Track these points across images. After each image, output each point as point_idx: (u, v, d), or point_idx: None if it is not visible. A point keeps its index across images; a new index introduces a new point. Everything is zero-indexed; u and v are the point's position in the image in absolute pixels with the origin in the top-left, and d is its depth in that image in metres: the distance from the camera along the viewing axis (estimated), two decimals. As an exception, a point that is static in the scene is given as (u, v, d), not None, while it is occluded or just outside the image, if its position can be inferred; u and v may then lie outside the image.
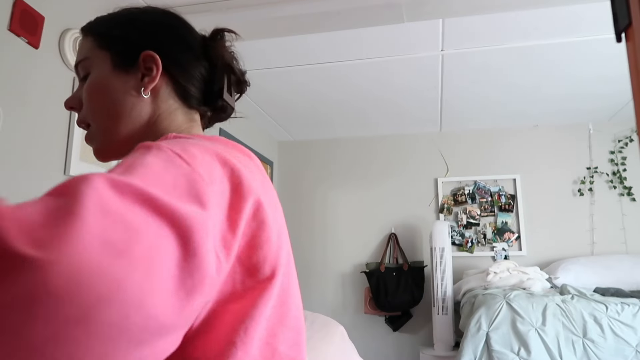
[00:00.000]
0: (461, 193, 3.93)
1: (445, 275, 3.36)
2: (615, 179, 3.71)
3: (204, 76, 0.70)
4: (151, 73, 0.65)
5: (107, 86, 0.65)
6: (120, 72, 0.65)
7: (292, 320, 0.55)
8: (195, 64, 0.69)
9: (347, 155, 4.24)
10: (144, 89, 0.65)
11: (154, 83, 0.65)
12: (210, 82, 0.70)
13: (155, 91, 0.66)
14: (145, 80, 0.65)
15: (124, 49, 0.66)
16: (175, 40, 0.69)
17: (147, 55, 0.65)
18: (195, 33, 0.72)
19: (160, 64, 0.65)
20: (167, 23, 0.70)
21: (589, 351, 2.47)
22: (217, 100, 0.71)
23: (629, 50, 0.45)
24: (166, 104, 0.67)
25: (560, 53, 2.62)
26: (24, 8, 1.65)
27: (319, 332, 2.15)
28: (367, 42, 2.49)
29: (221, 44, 0.72)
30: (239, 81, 0.74)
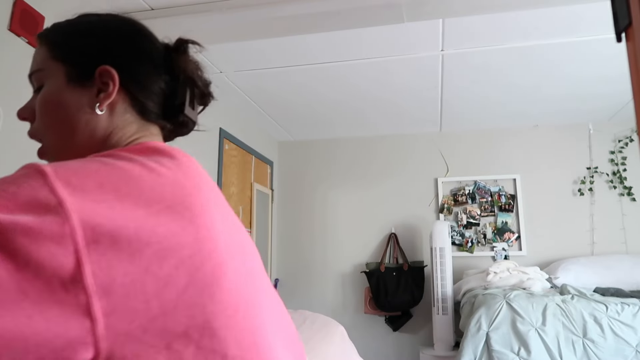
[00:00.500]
0: (461, 193, 3.93)
1: (445, 275, 3.36)
2: (615, 179, 3.71)
3: (164, 90, 0.66)
4: (107, 89, 0.62)
5: (60, 101, 0.61)
6: (75, 87, 0.62)
7: None
8: (155, 78, 0.66)
9: (347, 155, 4.24)
10: (99, 105, 0.61)
11: (110, 99, 0.62)
12: (171, 96, 0.67)
13: (111, 107, 0.63)
14: (101, 96, 0.62)
15: (79, 62, 0.63)
16: (134, 53, 0.65)
17: (103, 70, 0.62)
18: (157, 43, 0.69)
19: (117, 80, 0.62)
20: (128, 34, 0.66)
21: (589, 351, 2.47)
22: (178, 115, 0.68)
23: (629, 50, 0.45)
24: (121, 118, 0.63)
25: (560, 53, 2.62)
26: (24, 8, 1.65)
27: (319, 332, 2.15)
28: (367, 42, 2.49)
29: (184, 55, 0.69)
30: (202, 94, 0.71)
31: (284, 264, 4.18)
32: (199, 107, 0.72)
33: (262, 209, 3.88)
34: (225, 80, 2.99)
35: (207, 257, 0.48)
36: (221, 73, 2.89)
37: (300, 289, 4.11)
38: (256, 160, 3.87)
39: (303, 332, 2.09)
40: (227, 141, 3.35)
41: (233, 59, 2.70)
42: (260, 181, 3.92)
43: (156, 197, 0.47)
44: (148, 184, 0.48)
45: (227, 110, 3.37)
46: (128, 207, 0.44)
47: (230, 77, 2.95)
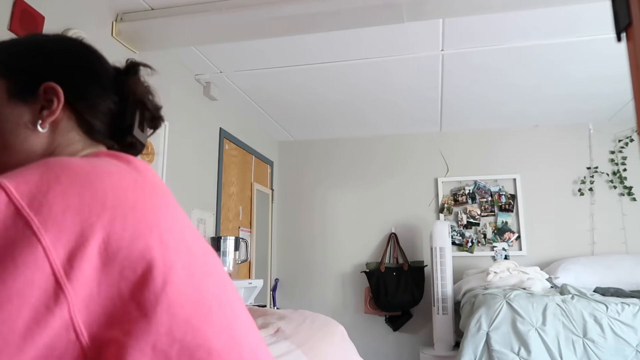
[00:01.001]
0: (461, 193, 3.93)
1: (445, 275, 3.36)
2: (615, 178, 3.71)
3: (112, 111, 0.66)
4: (51, 106, 0.61)
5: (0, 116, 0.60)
6: (16, 102, 0.61)
7: None
8: (104, 98, 0.65)
9: (347, 155, 4.24)
10: (41, 122, 0.60)
11: (54, 117, 0.61)
12: (119, 117, 0.67)
13: (54, 124, 0.62)
14: (44, 113, 0.61)
15: (23, 78, 0.62)
16: (82, 72, 0.65)
17: (48, 86, 0.61)
18: (107, 65, 0.69)
19: (62, 97, 0.61)
20: (76, 53, 0.66)
21: (589, 351, 2.47)
22: (126, 136, 0.67)
23: (629, 50, 0.45)
24: (65, 137, 0.62)
25: (560, 53, 2.62)
26: (24, 8, 1.65)
27: (319, 331, 2.15)
28: (367, 42, 2.49)
29: (135, 78, 0.69)
30: (153, 117, 0.70)
31: (284, 264, 4.18)
32: (149, 130, 0.71)
33: (262, 209, 3.88)
34: (225, 80, 2.99)
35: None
36: (221, 73, 2.89)
37: (300, 289, 4.11)
38: (256, 160, 3.87)
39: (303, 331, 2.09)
40: (227, 141, 3.35)
41: (233, 59, 2.70)
42: (260, 181, 3.92)
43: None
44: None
45: (227, 110, 3.37)
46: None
47: (230, 77, 2.95)
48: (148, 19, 2.17)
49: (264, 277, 3.84)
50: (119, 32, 2.19)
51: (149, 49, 2.35)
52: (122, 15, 2.20)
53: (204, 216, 2.93)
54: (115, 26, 2.18)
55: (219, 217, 3.13)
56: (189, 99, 2.86)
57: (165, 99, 2.60)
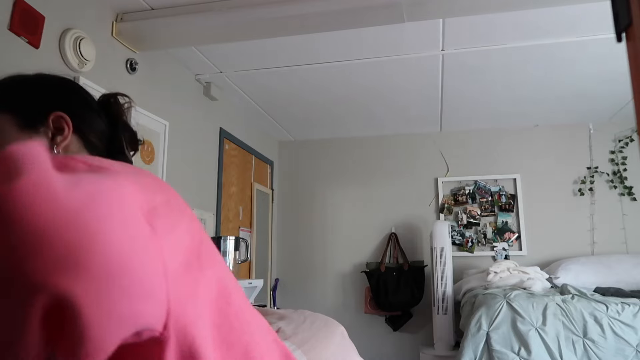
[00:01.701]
0: (461, 193, 3.93)
1: (445, 275, 3.36)
2: (615, 178, 3.71)
3: (106, 134, 0.74)
4: (63, 132, 0.67)
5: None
6: (29, 132, 0.66)
7: None
8: (99, 122, 0.73)
9: (348, 155, 4.24)
10: (56, 146, 0.66)
11: (67, 142, 0.67)
12: (111, 139, 0.74)
13: (65, 148, 0.68)
14: (57, 139, 0.67)
15: (30, 109, 0.67)
16: (79, 99, 0.72)
17: (57, 115, 0.67)
18: (91, 96, 0.76)
19: (70, 123, 0.68)
20: (68, 84, 0.74)
21: (590, 351, 2.46)
22: (119, 156, 0.74)
23: (629, 50, 0.45)
24: None
25: (560, 53, 2.62)
26: (24, 8, 1.65)
27: (319, 331, 2.15)
28: (368, 42, 2.49)
29: (118, 105, 0.76)
30: (133, 140, 0.78)
31: (284, 263, 4.18)
32: (131, 152, 0.79)
33: (262, 209, 3.88)
34: (225, 80, 2.99)
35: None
36: (221, 73, 2.89)
37: (300, 289, 4.11)
38: (256, 160, 3.87)
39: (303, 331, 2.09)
40: (228, 141, 3.35)
41: (233, 59, 2.70)
42: (260, 181, 3.92)
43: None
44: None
45: (227, 110, 3.37)
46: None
47: (230, 77, 2.95)
48: (148, 19, 2.17)
49: (264, 277, 3.84)
50: (119, 32, 2.19)
51: (149, 49, 2.35)
52: (122, 15, 2.20)
53: (204, 216, 2.93)
54: (116, 26, 2.18)
55: (219, 217, 3.13)
56: (189, 99, 2.86)
57: (166, 99, 2.60)
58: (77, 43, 1.87)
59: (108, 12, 2.15)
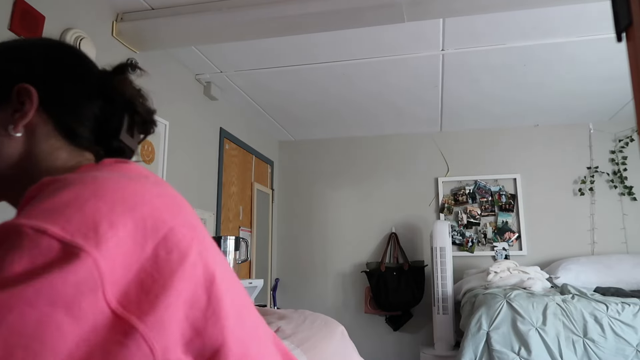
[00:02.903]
0: (462, 193, 3.93)
1: (445, 274, 3.36)
2: (615, 178, 3.71)
3: (97, 115, 0.62)
4: (23, 108, 0.57)
5: None
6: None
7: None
8: (86, 102, 0.62)
9: (348, 155, 4.24)
10: (13, 126, 0.57)
11: (26, 120, 0.57)
12: (106, 121, 0.63)
13: (30, 129, 0.58)
14: (16, 116, 0.57)
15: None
16: (62, 74, 0.61)
17: (20, 88, 0.57)
18: (92, 67, 0.65)
19: (35, 99, 0.57)
20: (55, 55, 0.62)
21: (590, 351, 2.46)
22: (112, 141, 0.64)
23: (629, 49, 0.44)
24: (46, 144, 0.59)
25: (561, 53, 2.62)
26: (24, 7, 1.65)
27: (320, 331, 2.15)
28: (368, 42, 2.49)
29: (122, 79, 0.65)
30: (144, 121, 0.66)
31: (284, 263, 4.18)
32: (139, 135, 0.67)
33: (262, 209, 3.88)
34: (225, 80, 2.99)
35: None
36: (221, 73, 2.89)
37: (300, 289, 4.11)
38: (256, 160, 3.87)
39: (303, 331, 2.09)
40: (228, 141, 3.35)
41: (233, 59, 2.70)
42: (260, 181, 3.92)
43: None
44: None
45: (228, 110, 3.37)
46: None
47: (230, 77, 2.95)
48: (148, 18, 2.17)
49: (265, 277, 3.84)
50: (119, 32, 2.19)
51: (149, 48, 2.35)
52: (123, 15, 2.20)
53: (204, 216, 2.93)
54: (116, 26, 2.18)
55: (219, 217, 3.13)
56: (189, 99, 2.86)
57: (166, 99, 2.60)
58: (77, 43, 1.87)
59: (108, 12, 2.15)
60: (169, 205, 0.49)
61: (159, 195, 0.49)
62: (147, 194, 0.48)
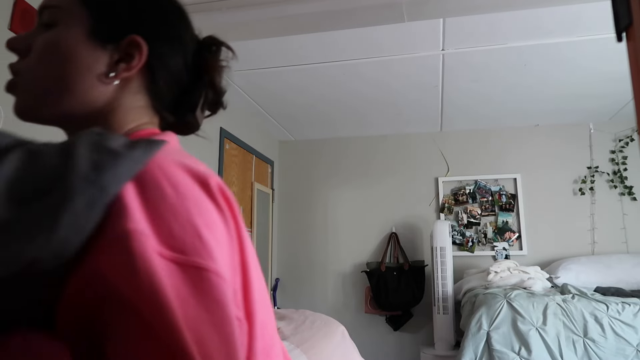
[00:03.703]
0: (462, 192, 3.93)
1: (445, 274, 3.36)
2: (616, 178, 3.70)
3: (183, 84, 0.61)
4: (130, 61, 0.55)
5: (72, 52, 0.53)
6: (95, 44, 0.54)
7: None
8: (181, 69, 0.60)
9: (348, 155, 4.24)
10: (115, 74, 0.55)
11: (130, 73, 0.56)
12: (187, 92, 0.62)
13: (125, 81, 0.56)
14: (120, 66, 0.55)
15: (110, 20, 0.55)
16: (170, 36, 0.59)
17: (134, 40, 0.55)
18: (193, 35, 0.63)
19: (144, 56, 0.56)
20: (170, 13, 0.60)
21: (590, 351, 2.46)
22: (188, 113, 0.62)
23: (629, 49, 0.45)
24: (132, 98, 0.57)
25: (560, 53, 2.61)
26: (24, 7, 1.66)
27: (320, 331, 2.15)
28: (368, 42, 2.49)
29: (216, 57, 0.65)
30: (215, 102, 0.66)
31: (284, 263, 4.18)
32: (206, 113, 0.67)
33: (262, 209, 3.88)
34: (225, 79, 2.99)
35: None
36: (221, 73, 2.88)
37: (300, 289, 4.11)
38: (257, 160, 3.87)
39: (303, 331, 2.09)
40: (228, 141, 3.35)
41: (233, 59, 2.70)
42: (260, 181, 3.92)
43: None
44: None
45: (228, 110, 3.36)
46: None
47: (231, 76, 2.94)
48: (148, 18, 2.17)
49: (265, 277, 3.84)
50: (119, 32, 2.19)
51: (149, 48, 2.34)
52: (123, 15, 2.20)
53: (204, 216, 2.93)
54: (116, 26, 2.18)
55: (220, 217, 3.12)
56: (190, 99, 2.86)
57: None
58: (77, 43, 1.87)
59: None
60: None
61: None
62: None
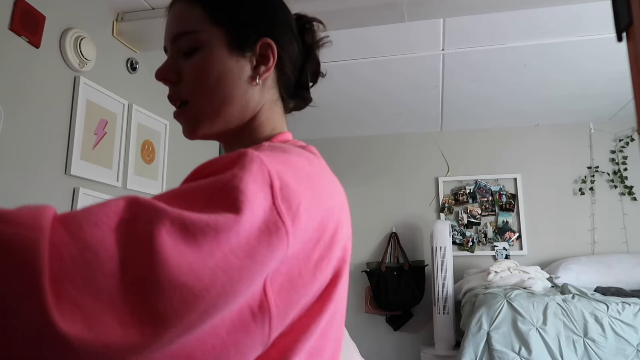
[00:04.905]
0: (462, 192, 3.93)
1: (446, 274, 3.36)
2: (616, 178, 3.70)
3: (297, 65, 0.67)
4: (267, 62, 0.62)
5: (223, 69, 0.60)
6: (237, 56, 0.61)
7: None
8: (298, 54, 0.67)
9: (348, 155, 4.24)
10: (259, 77, 0.62)
11: (269, 73, 0.63)
12: (301, 72, 0.68)
13: (265, 80, 0.64)
14: (261, 69, 0.62)
15: (242, 31, 0.62)
16: (285, 27, 0.66)
17: (265, 42, 0.62)
18: (292, 17, 0.69)
19: (276, 54, 0.62)
20: (278, 4, 0.67)
21: (590, 351, 2.46)
22: (304, 91, 0.69)
23: (629, 49, 0.45)
24: (269, 94, 0.65)
25: (560, 53, 2.61)
26: (25, 7, 1.66)
27: (320, 331, 2.14)
28: (368, 42, 2.49)
29: (315, 33, 0.70)
30: (316, 72, 0.71)
31: (285, 263, 4.18)
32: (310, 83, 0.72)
33: (262, 209, 3.88)
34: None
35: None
36: (222, 73, 2.88)
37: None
38: (257, 160, 3.86)
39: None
40: (228, 141, 3.35)
41: (234, 59, 2.70)
42: (260, 181, 3.92)
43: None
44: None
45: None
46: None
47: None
48: (149, 18, 2.17)
49: (265, 277, 3.84)
50: (119, 32, 2.19)
51: (149, 48, 2.35)
52: (123, 14, 2.20)
53: (204, 216, 2.92)
54: (116, 26, 2.18)
55: (220, 217, 3.12)
56: (190, 99, 2.85)
57: (166, 99, 2.60)
58: (77, 43, 1.87)
59: (108, 11, 2.15)
60: (338, 202, 0.60)
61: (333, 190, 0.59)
62: (330, 188, 0.58)
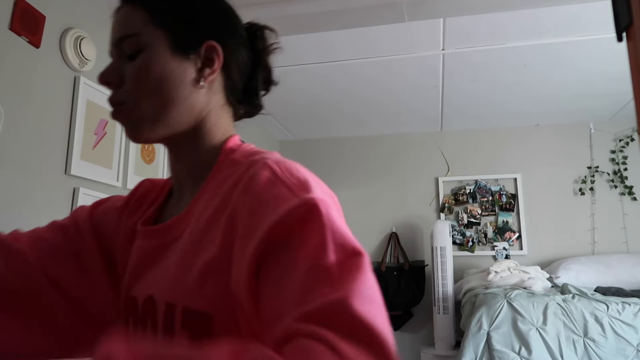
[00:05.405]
0: (462, 192, 3.93)
1: (446, 274, 3.36)
2: (616, 178, 3.70)
3: (246, 71, 0.67)
4: (212, 65, 0.61)
5: (165, 71, 0.60)
6: (180, 58, 0.61)
7: None
8: (246, 59, 0.66)
9: (348, 155, 4.24)
10: (203, 80, 0.61)
11: (214, 75, 0.62)
12: (250, 78, 0.67)
13: (210, 83, 0.63)
14: (206, 72, 0.61)
15: (186, 33, 0.61)
16: (232, 30, 0.65)
17: (210, 45, 0.61)
18: (242, 23, 0.68)
19: (222, 57, 0.62)
20: (227, 10, 0.66)
21: (590, 351, 2.46)
22: (254, 97, 0.68)
23: (629, 49, 0.45)
24: (216, 98, 0.64)
25: (560, 53, 2.61)
26: (25, 7, 1.66)
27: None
28: (369, 42, 2.49)
29: (266, 40, 0.69)
30: (268, 79, 0.70)
31: (285, 263, 4.17)
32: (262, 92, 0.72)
33: (262, 209, 3.88)
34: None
35: None
36: (222, 73, 2.88)
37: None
38: (257, 160, 3.87)
39: (304, 331, 2.08)
40: (228, 141, 3.35)
41: (234, 59, 2.70)
42: (261, 181, 3.92)
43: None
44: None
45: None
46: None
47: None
48: (149, 18, 2.16)
49: (265, 277, 3.84)
50: (119, 32, 2.19)
51: (149, 48, 2.34)
52: (123, 15, 2.20)
53: (204, 216, 2.93)
54: (116, 26, 2.18)
55: (220, 217, 3.12)
56: (190, 99, 2.86)
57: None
58: (77, 43, 1.87)
59: (108, 11, 2.13)
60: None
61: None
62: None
